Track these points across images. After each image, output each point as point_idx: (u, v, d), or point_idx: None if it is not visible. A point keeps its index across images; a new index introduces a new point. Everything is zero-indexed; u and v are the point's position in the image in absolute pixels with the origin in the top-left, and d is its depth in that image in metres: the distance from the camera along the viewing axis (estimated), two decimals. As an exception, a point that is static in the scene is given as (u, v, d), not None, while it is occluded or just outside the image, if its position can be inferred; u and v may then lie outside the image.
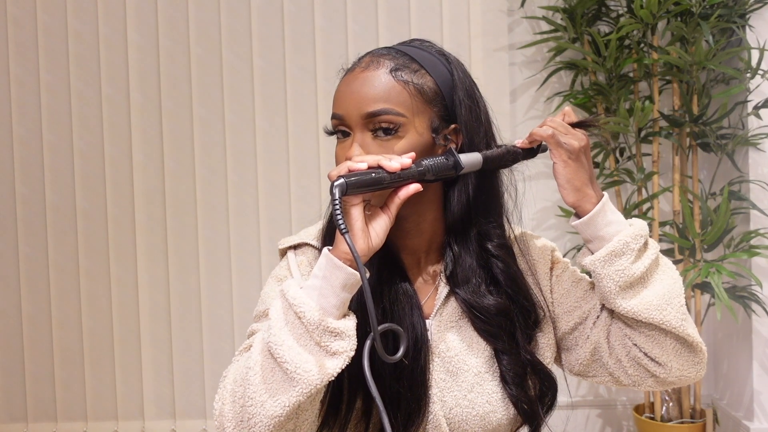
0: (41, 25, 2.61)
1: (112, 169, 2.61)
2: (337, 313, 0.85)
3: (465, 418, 0.96)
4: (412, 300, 0.98)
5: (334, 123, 0.97)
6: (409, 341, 0.94)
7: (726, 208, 2.15)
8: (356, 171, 0.85)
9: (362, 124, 0.94)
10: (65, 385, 2.66)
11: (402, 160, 0.88)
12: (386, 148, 0.94)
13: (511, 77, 2.58)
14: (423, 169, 0.91)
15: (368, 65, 0.97)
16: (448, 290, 1.01)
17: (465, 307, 0.99)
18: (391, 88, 0.95)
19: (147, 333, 2.63)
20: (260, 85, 2.57)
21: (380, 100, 0.94)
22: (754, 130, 2.29)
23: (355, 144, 0.94)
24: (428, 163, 0.92)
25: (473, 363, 0.98)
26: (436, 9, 2.53)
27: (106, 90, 2.60)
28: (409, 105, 0.95)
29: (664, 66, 2.31)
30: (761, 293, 2.24)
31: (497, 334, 0.98)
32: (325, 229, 1.04)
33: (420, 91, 0.97)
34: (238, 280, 2.59)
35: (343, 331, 0.84)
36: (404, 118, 0.95)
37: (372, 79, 0.95)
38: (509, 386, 0.98)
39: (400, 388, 0.94)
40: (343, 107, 0.95)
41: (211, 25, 2.57)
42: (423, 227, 1.02)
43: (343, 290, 0.84)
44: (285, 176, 2.58)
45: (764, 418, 2.31)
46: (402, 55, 0.98)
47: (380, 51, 1.00)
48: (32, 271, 2.65)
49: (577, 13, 2.33)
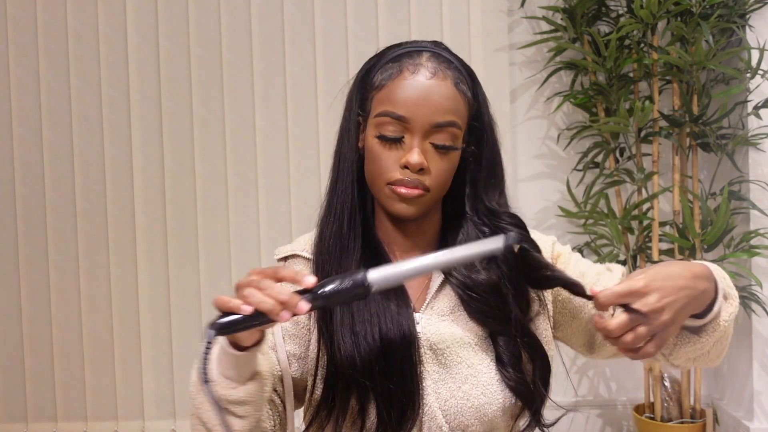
0: (41, 25, 2.61)
1: (112, 169, 2.61)
2: (241, 379, 0.86)
3: (461, 409, 0.96)
4: (399, 297, 0.98)
5: (389, 122, 0.94)
6: None
7: (726, 208, 2.15)
8: (238, 314, 0.79)
9: (425, 132, 0.94)
10: (65, 385, 2.66)
11: (298, 306, 0.77)
12: (443, 159, 0.95)
13: (511, 77, 2.58)
14: (322, 299, 0.78)
15: (435, 72, 0.95)
16: (442, 279, 1.00)
17: (460, 290, 0.99)
18: (458, 101, 0.96)
19: (147, 333, 2.63)
20: (260, 85, 2.57)
21: (450, 112, 0.95)
22: (754, 130, 2.29)
23: (418, 150, 0.94)
24: (330, 290, 0.78)
25: (467, 354, 0.97)
26: (436, 9, 2.53)
27: (106, 90, 2.60)
28: (464, 119, 0.97)
29: (664, 66, 2.31)
30: (761, 293, 2.24)
31: (492, 314, 0.98)
32: (317, 244, 1.02)
33: (470, 106, 0.98)
34: (238, 279, 2.59)
35: (245, 399, 0.86)
36: (461, 132, 0.97)
37: (442, 89, 0.95)
38: (506, 369, 0.97)
39: (390, 384, 0.93)
40: (410, 110, 0.94)
41: (211, 25, 2.57)
42: (424, 227, 1.03)
43: (242, 366, 0.85)
44: (285, 176, 2.58)
45: (764, 418, 2.31)
46: (454, 65, 0.98)
47: (435, 53, 0.98)
48: (32, 271, 2.65)
49: (577, 13, 2.33)
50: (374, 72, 0.98)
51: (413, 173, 0.94)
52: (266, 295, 0.78)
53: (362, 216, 1.01)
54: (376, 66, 0.99)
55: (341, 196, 1.00)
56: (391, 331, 0.95)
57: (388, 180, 0.95)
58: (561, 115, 2.60)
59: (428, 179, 0.95)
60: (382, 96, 0.96)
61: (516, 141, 2.58)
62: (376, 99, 0.97)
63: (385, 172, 0.95)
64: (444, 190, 0.98)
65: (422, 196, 0.95)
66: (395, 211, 0.97)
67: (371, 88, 0.98)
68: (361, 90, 1.00)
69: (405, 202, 0.96)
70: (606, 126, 2.30)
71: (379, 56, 1.00)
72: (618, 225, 2.30)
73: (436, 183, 0.96)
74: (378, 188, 0.97)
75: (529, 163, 2.61)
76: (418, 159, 0.93)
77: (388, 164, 0.95)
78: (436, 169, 0.95)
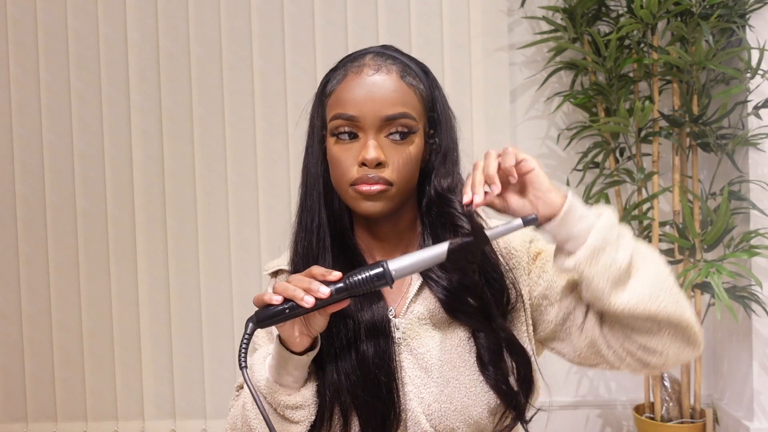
0: (41, 25, 2.61)
1: (112, 169, 2.61)
2: (296, 386, 0.94)
3: (444, 413, 0.96)
4: (374, 306, 0.98)
5: (341, 123, 0.96)
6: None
7: (726, 208, 2.15)
8: (271, 304, 0.87)
9: (378, 127, 0.95)
10: (65, 385, 2.66)
11: (320, 291, 0.86)
12: (401, 151, 0.95)
13: (511, 77, 2.58)
14: (347, 290, 0.87)
15: (378, 68, 0.96)
16: (421, 282, 1.00)
17: (439, 293, 0.98)
18: (405, 92, 0.96)
19: (147, 333, 2.63)
20: (260, 85, 2.57)
21: (398, 104, 0.95)
22: (754, 130, 2.29)
23: (373, 144, 0.94)
24: (354, 280, 0.87)
25: (449, 357, 0.97)
26: (436, 9, 2.53)
27: (106, 90, 2.60)
28: (418, 110, 0.98)
29: (664, 66, 2.31)
30: (761, 293, 2.24)
31: (471, 312, 0.97)
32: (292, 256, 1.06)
33: (422, 98, 0.99)
34: (238, 280, 2.60)
35: (301, 404, 0.94)
36: (416, 123, 0.97)
37: (387, 83, 0.95)
38: (486, 367, 0.96)
39: (366, 397, 0.94)
40: (358, 109, 0.95)
41: (211, 25, 2.57)
42: (400, 227, 1.03)
43: (296, 370, 0.93)
44: (285, 176, 2.58)
45: (764, 418, 2.31)
46: (399, 60, 0.99)
47: (378, 53, 0.99)
48: (32, 271, 2.65)
49: (577, 13, 2.33)
50: (327, 83, 1.01)
51: (372, 168, 0.94)
52: (294, 286, 0.87)
53: (339, 228, 1.02)
54: (329, 77, 1.01)
55: (310, 212, 1.02)
56: (365, 343, 0.96)
57: (350, 180, 0.96)
58: (561, 115, 2.60)
59: (388, 173, 0.95)
60: (332, 101, 0.98)
61: (516, 141, 2.58)
62: (329, 106, 0.99)
63: (346, 173, 0.96)
64: (409, 182, 0.98)
65: (386, 191, 0.95)
66: (362, 211, 0.97)
67: (325, 97, 1.01)
68: (320, 103, 1.02)
69: (369, 200, 0.95)
70: (606, 126, 2.30)
71: (332, 69, 1.02)
72: (618, 225, 2.30)
73: (398, 176, 0.96)
74: (343, 191, 0.98)
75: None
76: (374, 153, 0.93)
77: (347, 164, 0.96)
78: (395, 162, 0.95)
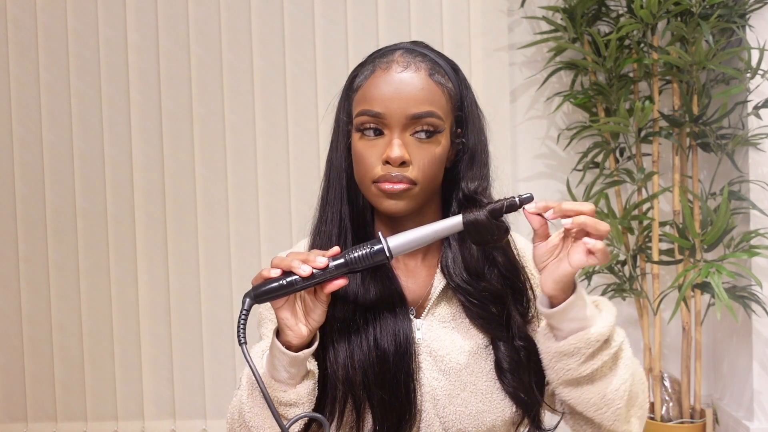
0: (41, 25, 2.61)
1: (112, 169, 2.61)
2: (291, 383, 0.91)
3: (459, 417, 0.95)
4: (396, 305, 0.97)
5: (366, 120, 0.95)
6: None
7: (726, 208, 2.15)
8: (269, 278, 0.86)
9: (404, 125, 0.94)
10: (65, 385, 2.66)
11: (317, 261, 0.85)
12: (426, 150, 0.94)
13: (511, 77, 2.58)
14: (346, 265, 0.86)
15: (407, 66, 0.95)
16: (444, 284, 1.00)
17: (462, 297, 0.98)
18: (433, 90, 0.95)
19: (147, 333, 2.63)
20: (260, 85, 2.57)
21: (425, 103, 0.94)
22: (754, 130, 2.29)
23: (398, 142, 0.93)
24: (354, 256, 0.86)
25: (467, 361, 0.97)
26: (436, 9, 2.53)
27: (106, 90, 2.60)
28: (445, 109, 0.96)
29: (664, 66, 2.31)
30: (761, 293, 2.24)
31: (494, 321, 0.97)
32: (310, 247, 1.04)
33: (450, 96, 0.97)
34: (238, 280, 2.59)
35: (295, 401, 0.90)
36: (442, 122, 0.96)
37: (415, 81, 0.94)
38: (505, 375, 0.96)
39: (383, 394, 0.93)
40: (384, 105, 0.94)
41: (211, 25, 2.57)
42: (423, 224, 1.02)
43: (291, 367, 0.90)
44: (285, 176, 2.58)
45: (764, 418, 2.31)
46: (428, 57, 0.98)
47: (408, 49, 0.98)
48: (32, 271, 2.65)
49: (577, 13, 2.33)
50: (355, 78, 1.00)
51: (396, 167, 0.93)
52: (291, 258, 0.86)
53: (361, 224, 1.01)
54: (357, 72, 1.00)
55: (332, 205, 1.01)
56: (385, 340, 0.95)
57: (373, 177, 0.95)
58: (561, 115, 2.60)
59: (412, 172, 0.94)
60: (359, 97, 0.97)
61: (516, 141, 2.58)
62: (355, 101, 0.98)
63: (369, 170, 0.95)
64: (433, 181, 0.97)
65: (409, 190, 0.94)
66: (384, 209, 0.96)
67: (352, 92, 0.99)
68: (346, 98, 1.01)
69: (392, 198, 0.94)
70: (606, 126, 2.30)
71: (361, 63, 1.01)
72: (618, 225, 2.30)
73: (422, 175, 0.95)
74: (366, 188, 0.97)
75: (529, 163, 2.61)
76: (399, 152, 0.92)
77: (371, 161, 0.95)
78: (420, 161, 0.94)
